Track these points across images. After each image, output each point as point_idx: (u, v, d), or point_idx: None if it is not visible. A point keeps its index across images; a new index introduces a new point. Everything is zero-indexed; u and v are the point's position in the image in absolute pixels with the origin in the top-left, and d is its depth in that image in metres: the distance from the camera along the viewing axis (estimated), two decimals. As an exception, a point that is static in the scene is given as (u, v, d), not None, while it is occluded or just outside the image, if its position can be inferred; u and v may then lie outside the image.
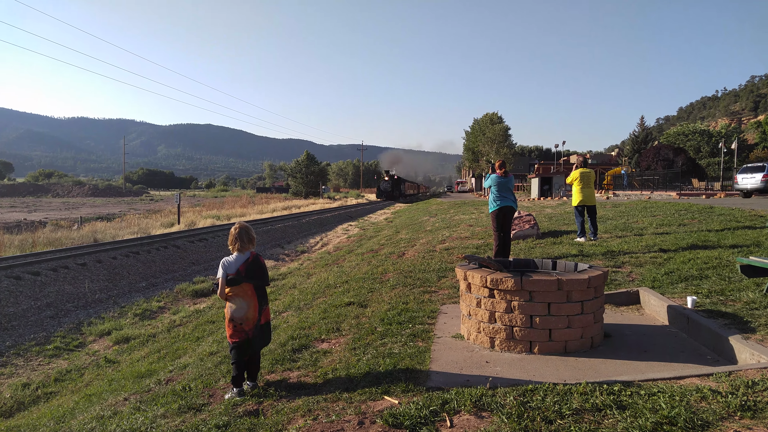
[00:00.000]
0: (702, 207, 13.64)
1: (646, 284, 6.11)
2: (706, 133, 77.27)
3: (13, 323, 9.41)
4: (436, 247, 11.00)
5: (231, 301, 3.91)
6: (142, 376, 5.85)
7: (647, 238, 9.26)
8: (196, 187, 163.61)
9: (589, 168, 10.52)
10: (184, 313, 10.42)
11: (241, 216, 33.20)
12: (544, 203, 23.70)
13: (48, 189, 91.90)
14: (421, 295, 6.61)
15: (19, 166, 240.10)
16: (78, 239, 19.19)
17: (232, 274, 3.88)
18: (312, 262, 15.52)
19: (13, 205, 51.90)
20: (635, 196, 26.32)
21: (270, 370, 4.35)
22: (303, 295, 8.43)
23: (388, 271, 8.85)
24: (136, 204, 57.83)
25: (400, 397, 3.37)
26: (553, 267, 4.95)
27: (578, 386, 3.24)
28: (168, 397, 4.14)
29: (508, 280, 4.21)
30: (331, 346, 4.91)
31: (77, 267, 12.70)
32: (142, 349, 8.06)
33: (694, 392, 3.08)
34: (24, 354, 8.26)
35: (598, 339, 4.36)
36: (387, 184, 65.28)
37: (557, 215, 15.20)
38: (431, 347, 4.38)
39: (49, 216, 33.62)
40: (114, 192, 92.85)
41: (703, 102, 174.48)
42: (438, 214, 21.75)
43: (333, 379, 3.90)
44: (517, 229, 10.71)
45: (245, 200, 51.63)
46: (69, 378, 7.27)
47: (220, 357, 5.32)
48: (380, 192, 66.27)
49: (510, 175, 8.66)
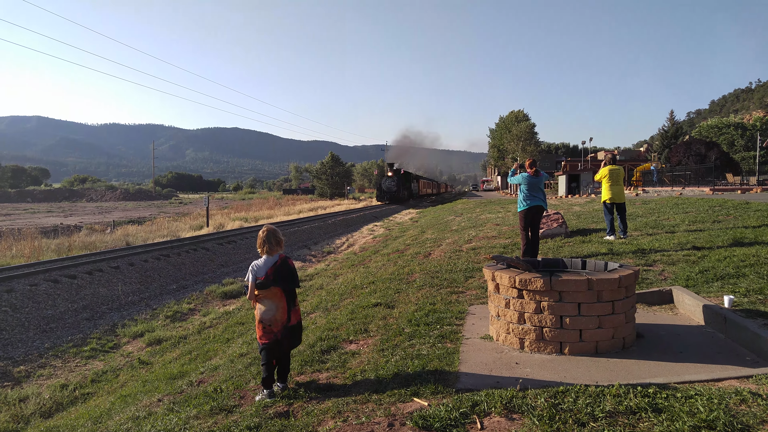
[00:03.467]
0: (737, 203, 13.22)
1: (680, 283, 5.96)
2: (740, 126, 74.79)
3: (51, 325, 9.72)
4: (462, 247, 10.94)
5: (260, 303, 3.96)
6: (174, 378, 5.97)
7: (679, 235, 9.03)
8: (223, 189, 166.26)
9: (618, 165, 10.32)
10: (213, 314, 10.60)
11: (269, 218, 33.62)
12: (572, 201, 23.33)
13: (82, 194, 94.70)
14: (449, 295, 6.58)
15: (55, 172, 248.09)
16: (111, 242, 19.71)
17: (260, 278, 3.92)
18: (338, 262, 15.61)
19: (50, 210, 53.64)
20: (666, 192, 25.68)
21: (299, 371, 4.39)
22: (330, 296, 8.48)
23: (415, 272, 8.83)
24: (166, 207, 59.10)
25: (430, 398, 3.36)
26: (582, 266, 4.87)
27: (611, 388, 3.18)
28: (200, 398, 4.22)
29: (537, 280, 4.15)
30: (359, 347, 4.93)
31: (111, 270, 13.05)
32: (174, 351, 8.23)
33: (733, 395, 2.99)
34: (62, 355, 8.53)
35: (630, 339, 4.26)
36: (390, 182, 50.25)
37: (585, 213, 14.94)
38: (460, 348, 4.36)
39: (84, 220, 34.65)
40: (144, 196, 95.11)
41: (736, 94, 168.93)
42: (464, 213, 21.61)
43: (362, 381, 3.91)
44: (545, 227, 10.57)
45: (272, 202, 52.26)
46: (105, 379, 7.48)
47: (250, 358, 5.39)
48: (381, 193, 50.72)
49: (541, 174, 8.53)
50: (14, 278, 11.06)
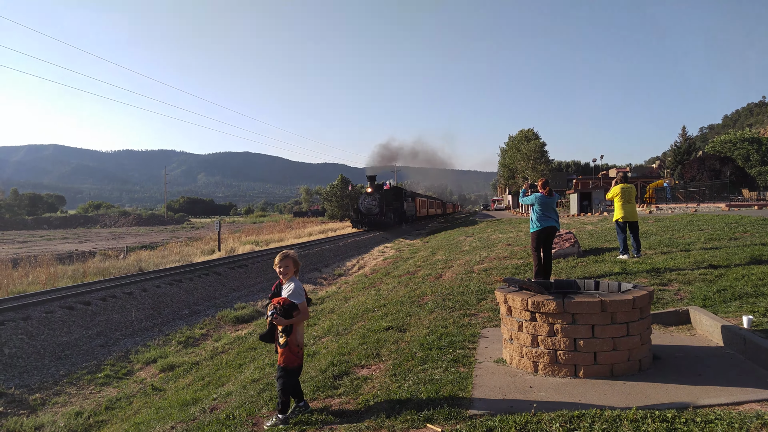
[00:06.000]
0: (755, 219, 13.04)
1: (697, 303, 5.86)
2: (755, 140, 73.98)
3: (66, 352, 9.78)
4: (474, 269, 10.88)
5: (299, 325, 3.96)
6: (187, 404, 5.95)
7: (695, 253, 8.91)
8: (235, 213, 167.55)
9: (630, 182, 10.27)
10: (226, 339, 10.59)
11: (279, 241, 33.73)
12: (584, 219, 23.17)
13: (96, 220, 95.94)
14: (461, 318, 6.53)
15: (71, 198, 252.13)
16: (124, 268, 19.89)
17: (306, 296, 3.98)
18: (349, 285, 15.58)
19: (66, 236, 54.35)
20: (680, 209, 25.42)
21: (312, 397, 4.37)
22: (341, 320, 8.45)
23: (426, 294, 8.79)
24: (178, 232, 59.61)
25: (443, 424, 3.33)
26: (595, 287, 4.82)
27: (628, 412, 3.12)
28: (213, 425, 4.21)
29: (549, 302, 4.12)
30: (371, 372, 4.89)
31: (124, 296, 13.14)
32: (187, 377, 8.22)
33: (754, 419, 2.92)
34: (76, 382, 8.55)
35: (646, 362, 4.19)
36: (371, 201, 38.14)
37: (598, 232, 14.82)
38: (473, 372, 4.31)
39: (98, 246, 35.04)
40: (157, 221, 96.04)
41: (749, 108, 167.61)
42: (475, 233, 21.54)
43: (374, 406, 3.88)
44: (557, 247, 10.50)
45: (283, 225, 52.48)
46: (119, 406, 7.48)
47: (263, 384, 5.37)
48: (359, 216, 38.46)
49: (554, 194, 8.54)
50: (30, 306, 11.17)
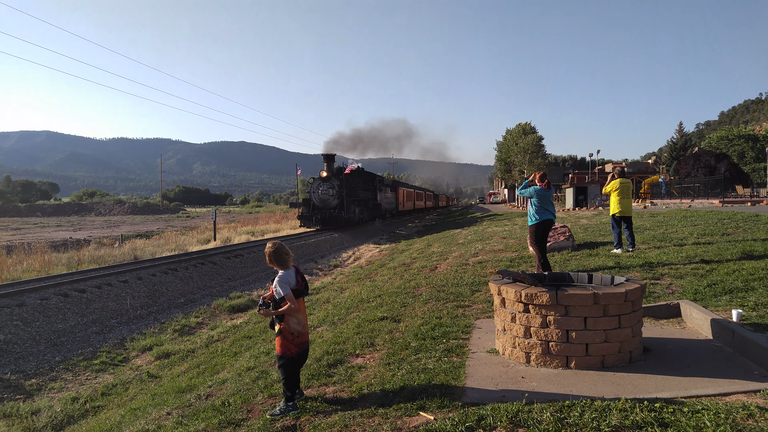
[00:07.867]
0: (747, 215, 13.15)
1: (688, 297, 5.94)
2: (751, 137, 74.30)
3: (62, 339, 9.80)
4: (468, 261, 10.94)
5: (293, 314, 4.00)
6: (183, 391, 6.00)
7: (687, 248, 9.00)
8: (231, 203, 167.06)
9: (626, 177, 10.33)
10: (221, 328, 10.64)
11: (275, 231, 33.70)
12: (580, 214, 23.28)
13: (91, 208, 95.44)
14: (455, 309, 6.59)
15: (65, 186, 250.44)
16: (119, 256, 19.87)
17: (294, 287, 3.99)
18: (345, 276, 15.64)
19: (60, 224, 54.13)
20: (674, 204, 25.57)
21: (307, 385, 4.42)
22: (337, 310, 8.51)
23: (421, 285, 8.85)
24: (173, 221, 59.45)
25: (436, 413, 3.38)
26: (588, 280, 4.88)
27: (617, 402, 3.19)
28: (208, 412, 4.26)
29: (543, 294, 4.17)
30: (365, 361, 4.95)
31: (120, 284, 13.15)
32: (182, 364, 8.28)
33: (740, 409, 2.99)
34: (72, 369, 8.59)
35: (637, 353, 4.26)
36: (326, 189, 30.00)
37: (593, 226, 14.91)
38: (466, 362, 4.37)
39: (93, 234, 34.94)
40: (152, 210, 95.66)
41: (746, 105, 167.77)
42: (470, 226, 21.62)
43: (368, 394, 3.93)
44: (551, 241, 10.56)
45: (279, 215, 52.40)
46: (114, 392, 7.53)
47: (258, 372, 5.43)
48: (309, 210, 30.37)
49: (552, 187, 8.61)
50: (25, 292, 11.17)
